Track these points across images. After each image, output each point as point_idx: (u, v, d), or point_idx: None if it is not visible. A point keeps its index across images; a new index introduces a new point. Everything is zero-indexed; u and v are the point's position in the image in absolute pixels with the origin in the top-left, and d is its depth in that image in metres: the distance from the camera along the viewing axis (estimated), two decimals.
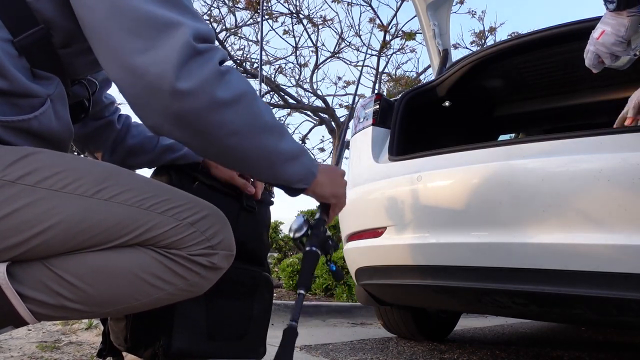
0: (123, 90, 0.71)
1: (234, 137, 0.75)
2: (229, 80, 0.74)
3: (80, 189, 0.72)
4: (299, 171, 0.87)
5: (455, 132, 2.59)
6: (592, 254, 1.30)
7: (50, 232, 0.70)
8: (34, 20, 0.74)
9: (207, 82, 0.71)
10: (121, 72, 0.70)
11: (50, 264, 0.72)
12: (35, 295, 0.71)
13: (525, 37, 1.98)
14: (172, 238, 0.77)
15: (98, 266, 0.74)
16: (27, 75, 0.75)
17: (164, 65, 0.68)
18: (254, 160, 0.80)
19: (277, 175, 0.85)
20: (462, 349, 2.21)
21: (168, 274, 0.78)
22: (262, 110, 0.79)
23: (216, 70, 0.72)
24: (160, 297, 0.79)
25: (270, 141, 0.80)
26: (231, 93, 0.73)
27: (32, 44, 0.74)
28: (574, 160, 1.37)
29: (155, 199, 0.77)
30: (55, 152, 0.75)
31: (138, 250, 0.77)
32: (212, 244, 0.81)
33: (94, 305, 0.76)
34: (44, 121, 0.76)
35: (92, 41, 0.72)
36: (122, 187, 0.75)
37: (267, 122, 0.79)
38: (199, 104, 0.70)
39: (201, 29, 0.73)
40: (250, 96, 0.77)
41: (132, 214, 0.75)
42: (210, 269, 0.82)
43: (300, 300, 0.89)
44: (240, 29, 8.57)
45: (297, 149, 0.85)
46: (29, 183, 0.69)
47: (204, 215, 0.81)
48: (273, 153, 0.81)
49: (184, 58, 0.69)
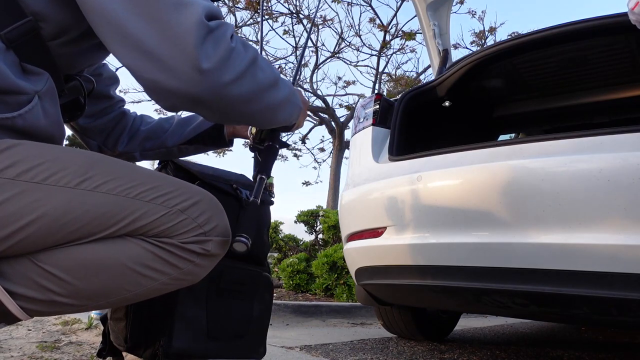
0: (138, 74, 0.70)
1: (246, 104, 0.78)
2: (239, 52, 0.74)
3: (63, 180, 0.70)
4: (291, 110, 0.91)
5: (455, 132, 2.59)
6: (592, 254, 1.30)
7: (33, 226, 0.68)
8: (21, 12, 0.73)
9: (222, 60, 0.71)
10: (135, 56, 0.69)
11: (36, 259, 0.71)
12: (23, 291, 0.70)
13: (525, 37, 1.98)
14: (162, 226, 0.75)
15: (86, 259, 0.72)
16: (16, 70, 0.73)
17: (182, 47, 0.67)
18: (261, 115, 0.84)
19: (278, 121, 0.90)
20: (462, 349, 2.21)
21: (160, 264, 0.76)
22: (265, 70, 0.80)
23: (229, 47, 0.72)
24: (154, 287, 0.77)
25: (272, 95, 0.83)
26: (242, 66, 0.74)
27: (19, 37, 0.73)
28: (574, 160, 1.37)
29: (142, 187, 0.75)
30: (36, 144, 0.73)
31: (127, 241, 0.75)
32: (204, 231, 0.79)
33: (85, 298, 0.74)
34: (30, 119, 0.73)
35: (99, 27, 0.70)
36: (107, 176, 0.73)
37: (269, 79, 0.81)
38: (217, 83, 0.71)
39: (210, 5, 0.72)
40: (257, 62, 0.78)
41: (119, 203, 0.73)
42: (205, 256, 0.80)
43: (260, 183, 0.93)
44: (240, 29, 8.57)
45: (289, 91, 0.89)
46: (9, 176, 0.67)
47: (195, 201, 0.79)
48: (275, 104, 0.85)
49: (200, 37, 0.68)
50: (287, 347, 2.04)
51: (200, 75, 0.68)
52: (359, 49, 9.54)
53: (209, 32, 0.70)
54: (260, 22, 6.26)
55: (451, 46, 2.69)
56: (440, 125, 2.50)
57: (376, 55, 9.00)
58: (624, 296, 1.26)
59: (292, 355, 1.91)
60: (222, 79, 0.71)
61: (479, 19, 12.60)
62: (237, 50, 0.74)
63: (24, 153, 0.70)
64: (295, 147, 10.71)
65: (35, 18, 0.74)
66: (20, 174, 0.68)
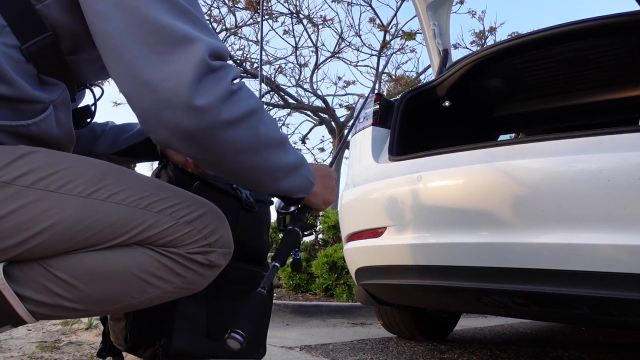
0: (133, 103, 0.71)
1: (241, 154, 0.76)
2: (240, 97, 0.74)
3: (77, 189, 0.72)
4: (299, 182, 0.88)
5: (455, 132, 2.59)
6: (592, 254, 1.30)
7: (46, 233, 0.70)
8: (43, 26, 0.74)
9: (219, 100, 0.70)
10: (133, 85, 0.69)
11: (47, 264, 0.72)
12: (32, 295, 0.71)
13: (525, 37, 1.98)
14: (170, 237, 0.77)
15: (95, 266, 0.74)
16: (33, 81, 0.74)
17: (178, 81, 0.67)
18: (259, 174, 0.81)
19: (279, 188, 0.85)
20: (462, 349, 2.21)
21: (166, 273, 0.78)
22: (268, 126, 0.79)
23: (228, 89, 0.72)
24: (158, 295, 0.79)
25: (274, 156, 0.81)
26: (241, 111, 0.73)
27: (39, 51, 0.74)
28: (574, 160, 1.37)
29: (151, 198, 0.77)
30: (51, 152, 0.75)
31: (135, 250, 0.77)
32: (209, 242, 0.81)
33: (92, 304, 0.76)
34: (43, 127, 0.76)
35: (104, 51, 0.71)
36: (119, 186, 0.75)
37: (272, 137, 0.80)
38: (209, 122, 0.70)
39: (216, 45, 0.72)
40: (259, 113, 0.77)
41: (129, 213, 0.75)
42: (208, 266, 0.82)
43: (272, 271, 0.86)
44: (240, 29, 8.57)
45: (298, 160, 0.86)
46: (24, 184, 0.69)
47: (201, 213, 0.81)
48: (277, 167, 0.82)
49: (199, 75, 0.68)
50: (287, 347, 2.04)
51: (192, 111, 0.68)
52: (359, 49, 9.55)
53: (210, 70, 0.70)
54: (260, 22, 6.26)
55: (451, 46, 2.69)
56: (440, 125, 2.50)
57: (376, 55, 9.00)
58: (624, 296, 1.26)
59: (292, 355, 1.91)
60: (216, 117, 0.70)
61: (479, 19, 12.61)
62: (238, 95, 0.73)
63: (39, 161, 0.71)
64: (295, 147, 10.70)
65: (55, 32, 0.75)
66: (36, 182, 0.70)
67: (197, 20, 0.72)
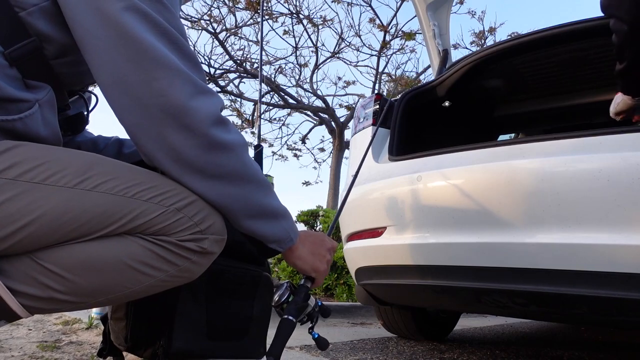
0: (122, 117, 0.74)
1: (222, 178, 0.79)
2: (229, 127, 0.79)
3: (63, 180, 0.72)
4: (276, 232, 0.88)
5: (455, 132, 2.59)
6: (592, 254, 1.30)
7: (33, 225, 0.69)
8: (26, 32, 0.75)
9: (209, 121, 0.75)
10: (123, 100, 0.73)
11: (37, 257, 0.72)
12: (24, 289, 0.71)
13: (525, 37, 1.98)
14: (160, 225, 0.77)
15: (86, 257, 0.74)
16: (18, 84, 0.75)
17: (169, 98, 0.72)
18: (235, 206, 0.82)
19: (253, 229, 0.85)
20: (462, 349, 2.21)
21: (158, 261, 0.78)
22: (253, 164, 0.83)
23: (218, 114, 0.77)
24: (151, 284, 0.79)
25: (255, 193, 0.83)
26: (229, 138, 0.78)
27: (23, 56, 0.75)
28: (574, 160, 1.38)
29: (140, 186, 0.77)
30: (36, 145, 0.74)
31: (126, 239, 0.76)
32: (201, 229, 0.80)
33: (85, 295, 0.75)
34: (29, 124, 0.75)
35: (93, 66, 0.74)
36: (106, 176, 0.75)
37: (256, 175, 0.83)
38: (198, 141, 0.75)
39: (201, 75, 0.78)
40: (245, 148, 0.82)
41: (117, 202, 0.74)
42: (201, 253, 0.81)
43: None
44: (240, 29, 8.58)
45: (280, 210, 0.88)
46: (9, 177, 0.69)
47: (191, 200, 0.80)
48: (255, 205, 0.83)
49: (191, 93, 0.74)
50: (287, 346, 2.04)
51: (179, 129, 0.74)
52: (359, 49, 9.56)
53: (201, 92, 0.76)
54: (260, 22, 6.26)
55: (451, 46, 2.69)
56: (440, 125, 2.50)
57: (376, 55, 9.00)
58: (624, 296, 1.26)
59: (292, 355, 1.91)
60: (202, 139, 0.75)
61: (479, 19, 12.62)
62: (227, 125, 0.79)
63: (24, 154, 0.71)
64: (295, 147, 10.72)
65: (39, 39, 0.76)
66: (21, 174, 0.69)
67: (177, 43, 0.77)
